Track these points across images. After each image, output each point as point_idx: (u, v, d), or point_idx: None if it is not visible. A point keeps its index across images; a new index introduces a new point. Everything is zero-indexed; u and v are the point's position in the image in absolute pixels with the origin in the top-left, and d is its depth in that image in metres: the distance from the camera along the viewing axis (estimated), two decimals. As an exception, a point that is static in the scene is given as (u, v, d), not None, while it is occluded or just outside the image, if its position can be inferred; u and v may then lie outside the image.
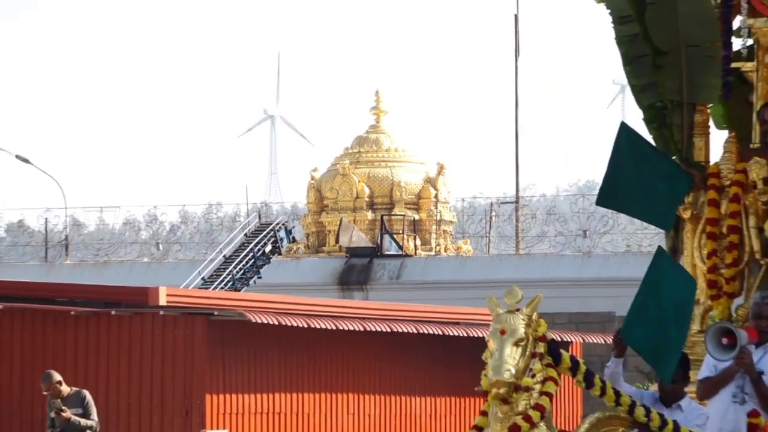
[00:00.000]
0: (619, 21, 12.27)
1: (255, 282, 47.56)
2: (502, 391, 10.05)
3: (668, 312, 10.93)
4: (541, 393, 10.23)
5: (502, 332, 10.14)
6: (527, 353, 10.17)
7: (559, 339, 21.09)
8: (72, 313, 35.11)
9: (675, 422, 10.37)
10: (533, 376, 10.24)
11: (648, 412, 10.36)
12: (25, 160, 52.70)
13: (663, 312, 10.97)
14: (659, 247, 11.17)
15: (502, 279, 40.51)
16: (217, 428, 33.70)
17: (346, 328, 32.29)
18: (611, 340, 11.31)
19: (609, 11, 12.28)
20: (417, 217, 48.90)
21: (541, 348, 10.28)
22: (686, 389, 11.01)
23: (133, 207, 60.36)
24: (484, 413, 10.38)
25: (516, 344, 10.12)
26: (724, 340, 10.68)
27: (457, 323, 31.87)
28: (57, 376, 22.55)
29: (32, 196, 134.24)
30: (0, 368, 33.35)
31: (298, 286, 44.44)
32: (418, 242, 48.58)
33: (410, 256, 47.42)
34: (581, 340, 34.61)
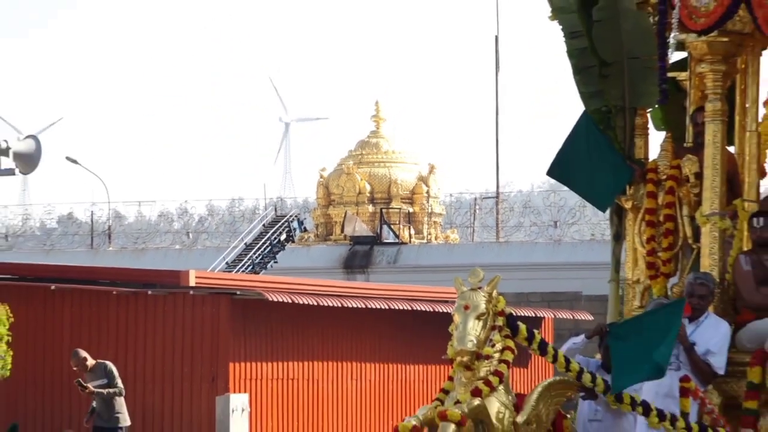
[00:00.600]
0: (570, 36, 12.22)
1: (272, 266, 47.39)
2: (465, 359, 9.98)
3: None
4: (500, 361, 10.15)
5: (466, 307, 10.09)
6: (488, 326, 10.10)
7: (533, 315, 20.82)
8: (114, 293, 35.04)
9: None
10: (493, 346, 10.17)
11: (594, 378, 10.32)
12: (74, 161, 52.48)
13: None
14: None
15: (485, 263, 40.38)
16: (239, 392, 33.57)
17: (350, 306, 32.49)
18: (594, 328, 11.07)
19: (561, 27, 12.19)
20: (411, 210, 48.75)
21: (500, 321, 10.17)
22: None
23: (167, 201, 60.58)
24: (450, 378, 10.33)
25: (478, 318, 10.03)
26: None
27: (446, 302, 31.72)
28: (83, 353, 22.24)
29: (80, 192, 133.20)
30: (52, 342, 33.30)
31: (309, 270, 44.24)
32: (412, 232, 48.45)
33: (405, 243, 47.28)
34: (552, 316, 34.64)
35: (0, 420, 22.02)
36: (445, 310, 32.04)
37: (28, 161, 22.55)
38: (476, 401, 9.91)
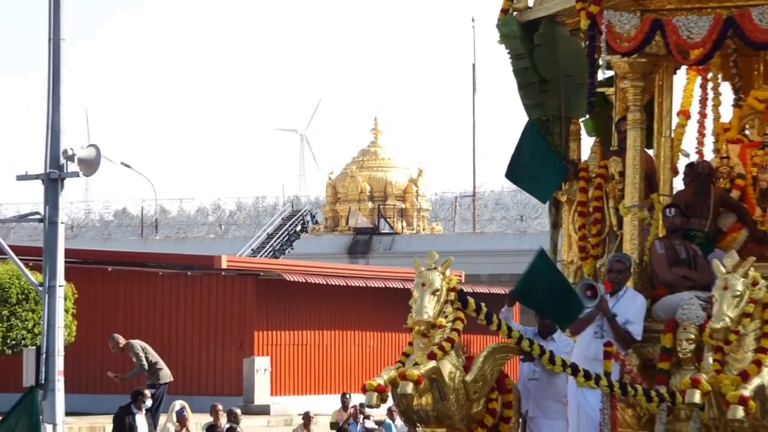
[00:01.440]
0: (515, 58, 12.03)
1: (289, 252, 47.30)
2: (422, 328, 9.86)
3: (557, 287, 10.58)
4: (452, 329, 10.00)
5: (423, 285, 9.99)
6: (441, 300, 9.95)
7: (504, 292, 20.42)
8: (159, 273, 35.04)
9: (551, 351, 10.14)
10: (446, 316, 10.02)
11: (531, 343, 10.14)
12: (128, 166, 52.25)
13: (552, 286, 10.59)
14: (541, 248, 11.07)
15: (464, 250, 40.45)
16: (262, 355, 33.41)
17: (353, 285, 32.78)
18: (507, 298, 10.91)
19: (507, 51, 11.93)
20: (403, 206, 48.75)
21: (452, 296, 10.03)
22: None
23: (203, 198, 60.27)
24: (410, 344, 10.15)
25: (433, 293, 9.89)
26: (588, 293, 10.51)
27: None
28: (117, 337, 21.99)
29: (132, 190, 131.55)
30: (108, 314, 33.15)
31: (319, 255, 44.11)
32: (404, 224, 48.35)
33: (399, 234, 47.25)
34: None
35: (67, 377, 21.47)
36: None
37: (89, 165, 22.06)
38: (431, 363, 9.76)
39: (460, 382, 9.90)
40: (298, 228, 48.57)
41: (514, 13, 11.87)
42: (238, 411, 20.30)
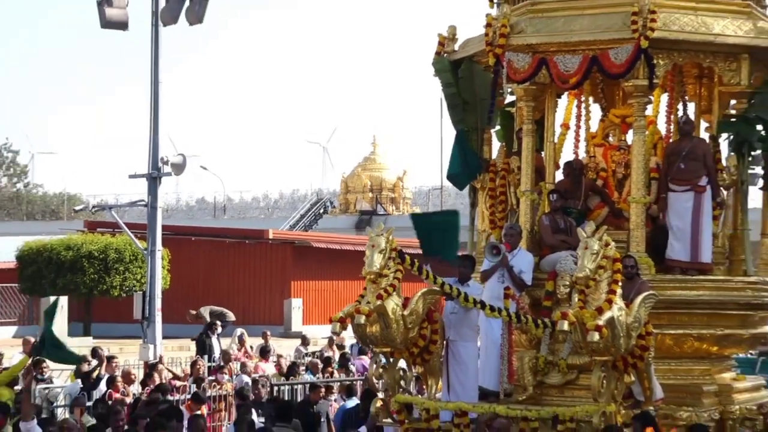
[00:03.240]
0: (445, 86, 11.60)
1: (315, 227, 46.91)
2: (371, 276, 9.46)
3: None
4: (393, 278, 9.55)
5: (373, 246, 9.60)
6: (386, 256, 9.50)
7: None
8: (227, 242, 34.67)
9: (466, 293, 9.71)
10: (389, 269, 9.52)
11: (451, 287, 9.75)
12: (204, 168, 52.02)
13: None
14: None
15: (434, 226, 39.99)
16: (296, 297, 32.98)
17: (359, 250, 32.23)
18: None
19: (440, 81, 11.54)
20: (393, 196, 48.40)
21: (393, 254, 9.55)
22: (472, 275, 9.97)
23: (256, 190, 60.61)
24: (365, 288, 9.70)
25: (380, 252, 9.49)
26: (494, 251, 10.18)
27: (410, 246, 31.24)
28: (193, 311, 21.82)
29: (207, 184, 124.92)
30: (192, 270, 32.71)
31: (336, 229, 43.88)
32: (394, 208, 48.00)
33: (390, 214, 46.81)
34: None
35: (163, 312, 21.09)
36: (412, 252, 31.63)
37: (179, 168, 21.96)
38: (378, 302, 9.37)
39: (399, 316, 9.50)
40: (321, 211, 48.64)
41: (445, 54, 11.40)
42: (269, 333, 20.20)
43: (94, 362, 13.89)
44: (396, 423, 9.57)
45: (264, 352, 18.05)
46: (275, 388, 13.74)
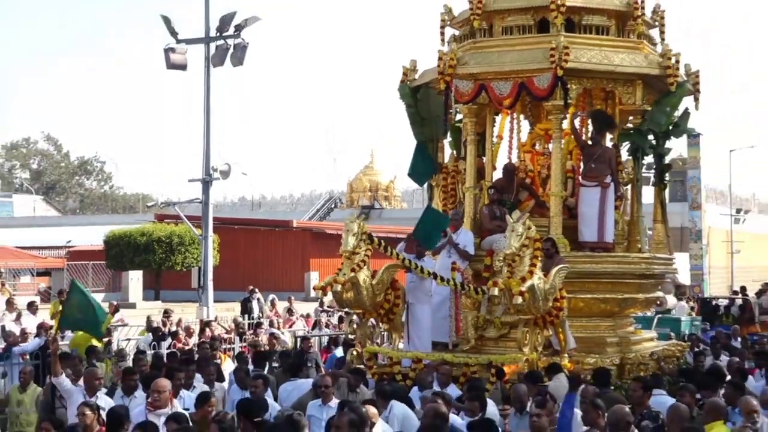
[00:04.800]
0: (407, 107, 11.13)
1: (327, 218, 46.10)
2: (347, 254, 8.92)
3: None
4: (364, 255, 9.02)
5: (347, 230, 9.01)
6: (358, 238, 8.98)
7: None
8: (261, 229, 33.86)
9: (422, 266, 9.20)
10: (361, 248, 8.99)
11: (410, 262, 9.31)
12: (245, 174, 51.01)
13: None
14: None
15: (414, 217, 38.97)
16: (314, 271, 32.31)
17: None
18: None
19: (403, 103, 10.96)
20: (387, 194, 47.45)
21: (364, 237, 9.04)
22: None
23: (283, 190, 60.09)
24: (342, 263, 9.05)
25: (353, 235, 9.02)
26: (443, 232, 9.71)
27: (402, 233, 30.66)
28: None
29: (246, 185, 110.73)
30: (236, 250, 32.00)
31: (344, 220, 42.99)
32: (387, 204, 47.13)
33: (384, 209, 45.99)
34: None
35: (214, 282, 20.45)
36: (401, 236, 31.04)
37: (225, 173, 21.41)
38: (352, 273, 8.85)
39: (369, 284, 8.98)
40: (332, 206, 47.69)
41: (407, 82, 10.80)
42: (293, 298, 19.89)
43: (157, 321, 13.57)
44: (366, 368, 9.05)
45: (289, 312, 18.01)
46: (297, 340, 13.28)
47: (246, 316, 17.05)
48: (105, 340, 11.04)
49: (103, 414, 5.88)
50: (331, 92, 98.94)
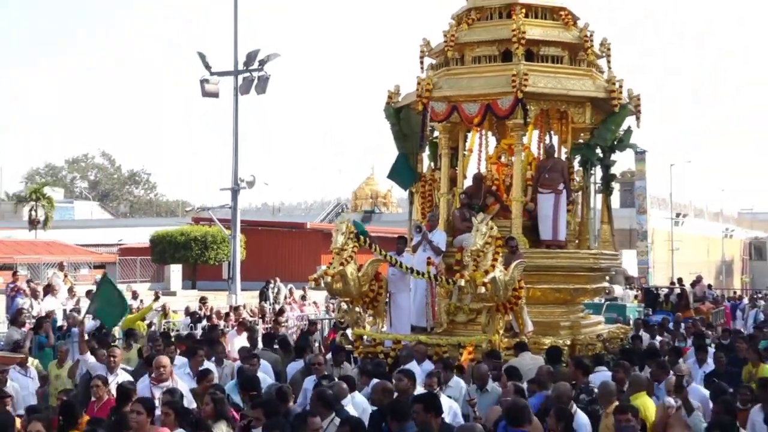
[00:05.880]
0: (391, 125, 10.72)
1: (335, 221, 45.65)
2: (336, 250, 8.58)
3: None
4: (352, 251, 8.66)
5: (337, 229, 8.51)
6: (346, 237, 8.56)
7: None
8: (280, 230, 33.29)
9: (401, 261, 8.93)
10: (348, 245, 8.62)
11: (392, 257, 9.02)
12: (266, 184, 50.94)
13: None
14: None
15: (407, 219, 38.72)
16: (323, 265, 31.60)
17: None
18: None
19: (388, 122, 10.53)
20: (385, 201, 47.02)
21: (351, 235, 8.65)
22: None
23: (298, 197, 59.52)
24: (333, 258, 8.63)
25: (342, 234, 8.60)
26: (417, 230, 9.53)
27: (397, 233, 30.20)
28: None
29: (267, 193, 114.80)
30: (260, 247, 31.55)
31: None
32: (386, 209, 46.67)
33: (383, 213, 45.58)
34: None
35: (241, 272, 20.15)
36: (397, 235, 30.63)
37: (251, 183, 21.15)
38: (340, 267, 8.50)
39: (356, 276, 8.62)
40: (340, 211, 47.31)
41: (392, 103, 10.45)
42: (307, 287, 19.66)
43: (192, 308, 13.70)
44: (353, 347, 8.72)
45: (303, 299, 18.37)
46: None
47: (265, 301, 17.28)
48: (146, 323, 11.13)
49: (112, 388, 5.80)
50: (338, 115, 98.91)
